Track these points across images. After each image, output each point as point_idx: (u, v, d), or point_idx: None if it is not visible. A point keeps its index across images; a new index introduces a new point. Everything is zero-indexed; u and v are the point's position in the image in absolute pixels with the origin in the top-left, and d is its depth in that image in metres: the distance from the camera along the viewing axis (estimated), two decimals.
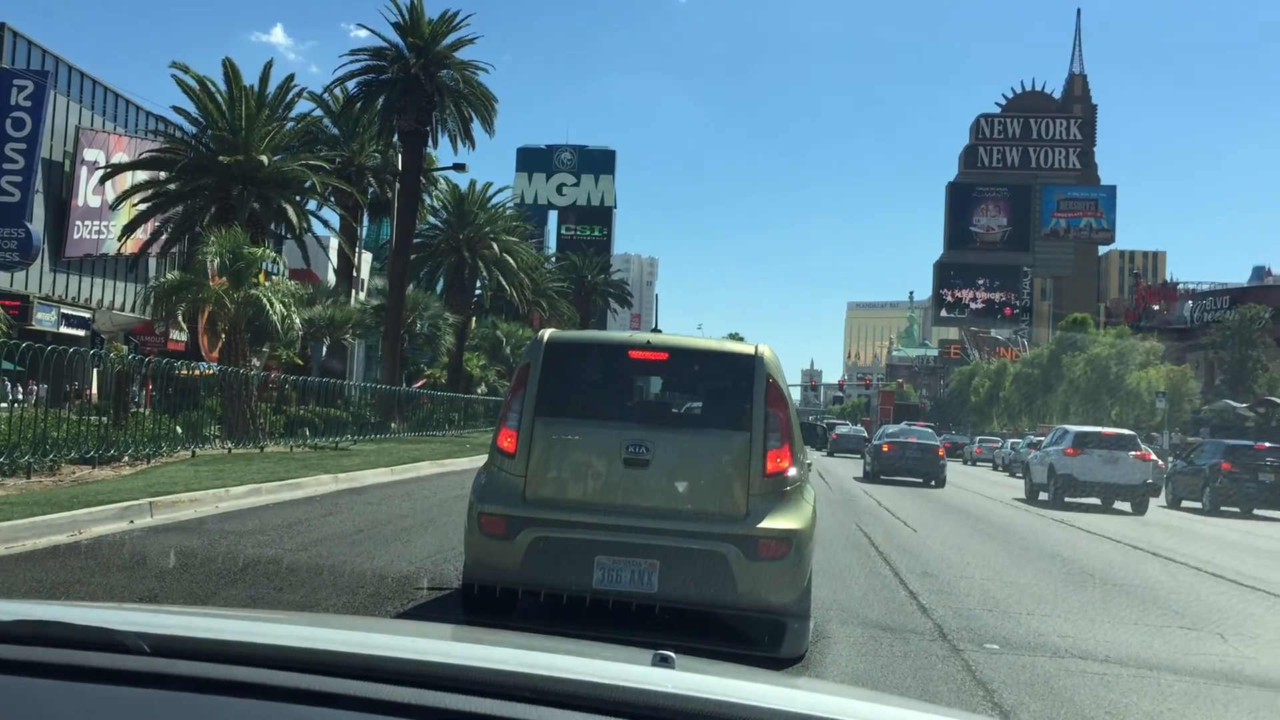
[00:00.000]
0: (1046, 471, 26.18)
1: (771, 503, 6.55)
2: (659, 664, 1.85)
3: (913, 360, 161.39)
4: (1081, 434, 26.52)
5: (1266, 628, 9.35)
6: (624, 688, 1.64)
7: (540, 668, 1.72)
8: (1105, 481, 25.23)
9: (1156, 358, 62.26)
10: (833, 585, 9.72)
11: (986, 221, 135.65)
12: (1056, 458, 25.78)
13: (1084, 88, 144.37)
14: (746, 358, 6.89)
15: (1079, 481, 25.22)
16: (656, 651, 1.90)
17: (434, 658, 1.75)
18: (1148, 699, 6.48)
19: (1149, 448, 40.99)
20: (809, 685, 2.72)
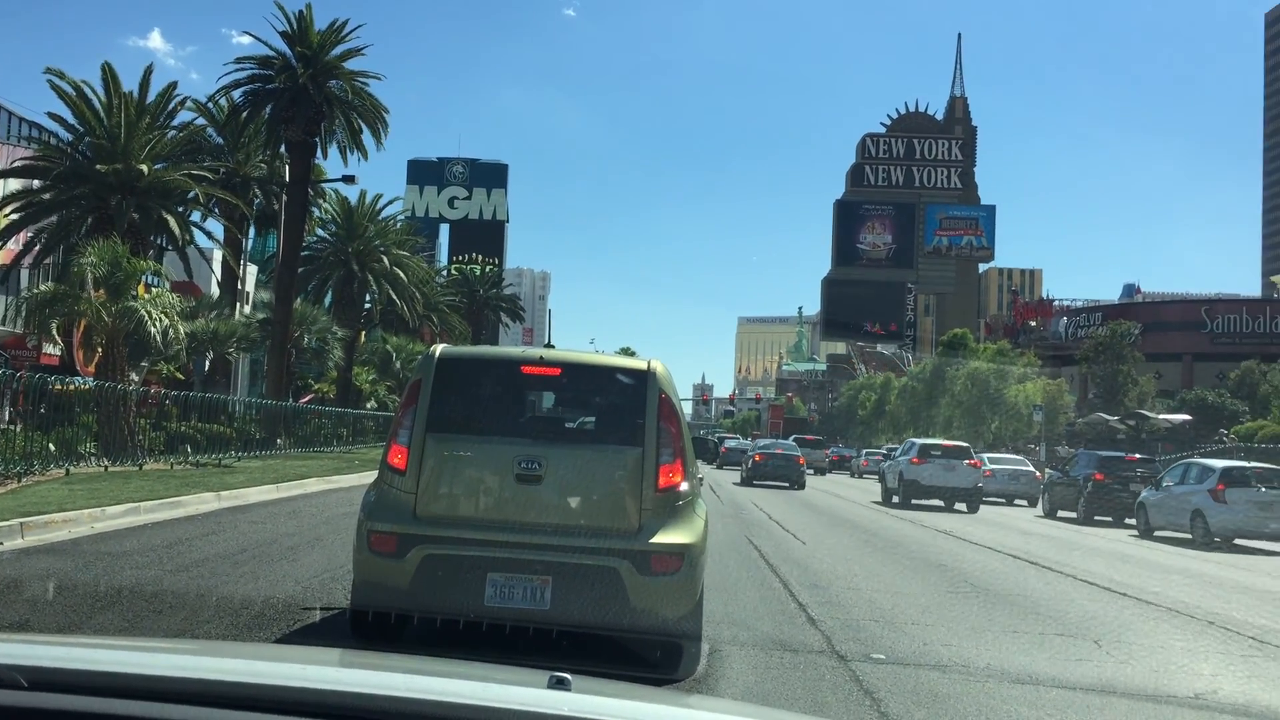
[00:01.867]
0: (897, 478, 30.11)
1: (664, 518, 6.58)
2: (555, 686, 1.84)
3: (802, 375, 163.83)
4: (925, 445, 30.73)
5: (1138, 634, 9.71)
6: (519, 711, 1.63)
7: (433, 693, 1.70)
8: (944, 485, 29.34)
9: (1034, 372, 64.23)
10: (724, 599, 9.80)
11: (872, 239, 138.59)
12: (905, 466, 29.83)
13: (964, 109, 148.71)
14: (639, 373, 6.93)
15: (923, 486, 29.16)
16: (552, 673, 1.89)
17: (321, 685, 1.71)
18: (1027, 706, 6.68)
19: (1027, 459, 42.36)
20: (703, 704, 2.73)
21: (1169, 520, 23.38)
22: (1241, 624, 10.59)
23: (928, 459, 29.42)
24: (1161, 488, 24.39)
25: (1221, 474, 22.51)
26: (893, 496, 30.33)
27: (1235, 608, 11.97)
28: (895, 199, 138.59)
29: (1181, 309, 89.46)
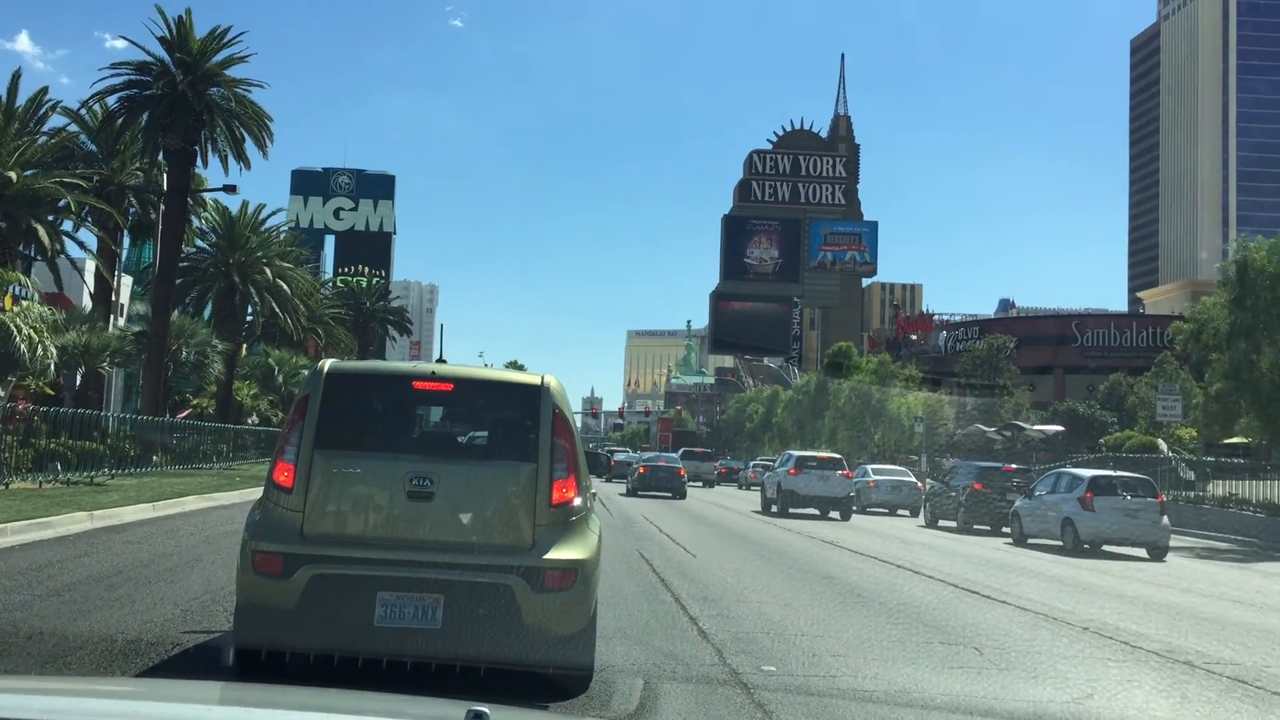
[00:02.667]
0: (776, 488, 31.51)
1: (558, 533, 6.55)
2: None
3: (691, 388, 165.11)
4: (801, 457, 32.47)
5: (1016, 640, 10.00)
6: None
7: None
8: (819, 495, 30.73)
9: (915, 384, 65.79)
10: (616, 613, 9.80)
11: (759, 253, 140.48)
12: (783, 477, 31.29)
13: (848, 128, 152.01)
14: (533, 388, 6.90)
15: (800, 495, 30.46)
16: (470, 709, 1.84)
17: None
18: (912, 714, 6.82)
19: (909, 470, 43.33)
20: None
21: (1042, 528, 24.15)
22: (1114, 629, 10.98)
23: (804, 470, 31.10)
24: (1035, 497, 25.19)
25: (1090, 483, 23.34)
26: (771, 506, 31.71)
27: (1107, 613, 12.41)
28: (782, 214, 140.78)
29: (1054, 323, 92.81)
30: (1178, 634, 11.02)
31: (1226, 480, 32.86)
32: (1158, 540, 22.44)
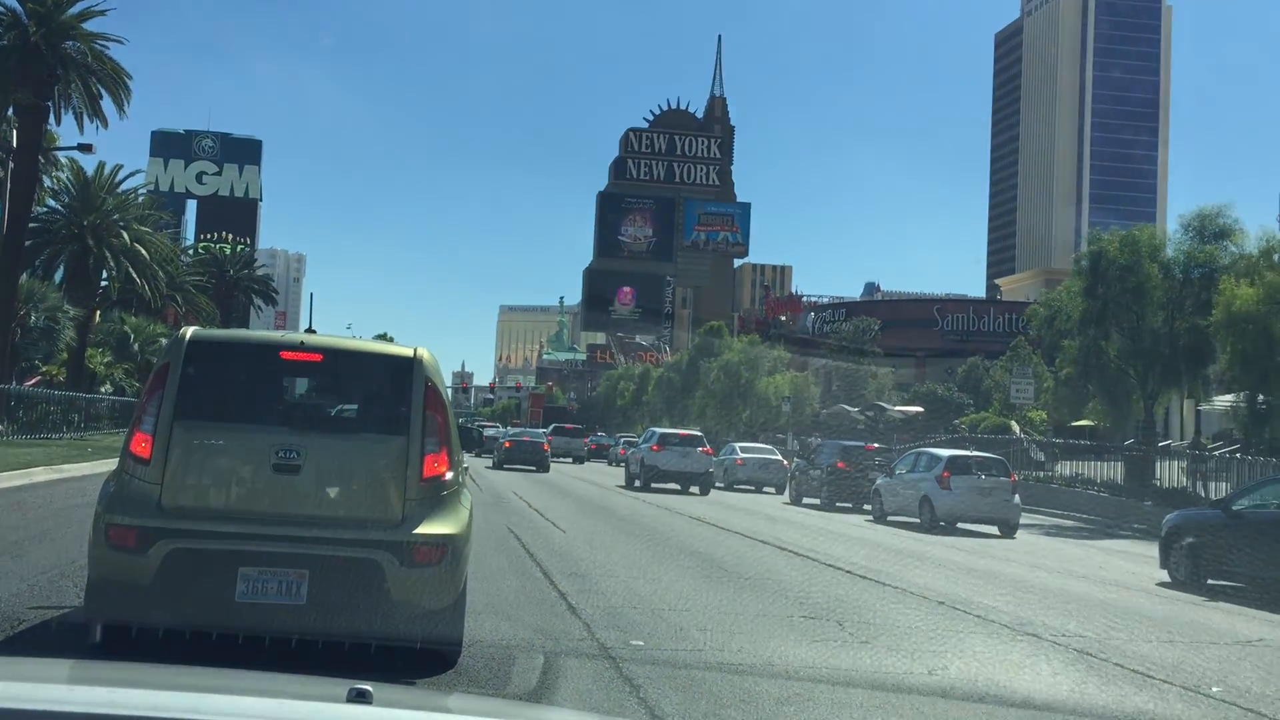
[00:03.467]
0: (639, 464, 32.86)
1: (428, 507, 6.48)
2: (356, 700, 1.72)
3: (562, 364, 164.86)
4: (663, 434, 34.45)
5: (876, 614, 10.30)
6: None
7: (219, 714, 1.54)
8: (679, 470, 32.10)
9: (783, 365, 66.99)
10: (486, 589, 9.75)
11: (634, 231, 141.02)
12: (645, 453, 32.79)
13: (723, 109, 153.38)
14: (405, 360, 6.78)
15: (661, 470, 31.84)
16: (352, 686, 1.78)
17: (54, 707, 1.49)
18: (776, 685, 6.97)
19: (776, 448, 44.15)
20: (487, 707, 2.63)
21: (901, 505, 24.89)
22: (968, 603, 11.39)
23: (666, 447, 32.62)
24: (895, 475, 25.92)
25: (947, 463, 24.13)
26: (635, 480, 32.90)
27: (962, 588, 12.88)
28: (656, 193, 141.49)
29: (917, 307, 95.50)
30: (1027, 607, 11.50)
31: (1074, 461, 34.38)
32: (1009, 518, 23.34)
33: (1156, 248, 30.44)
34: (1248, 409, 26.68)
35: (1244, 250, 28.19)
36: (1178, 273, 29.93)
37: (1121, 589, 14.43)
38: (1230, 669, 8.72)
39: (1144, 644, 9.68)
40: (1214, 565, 14.95)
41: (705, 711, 6.28)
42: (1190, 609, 12.64)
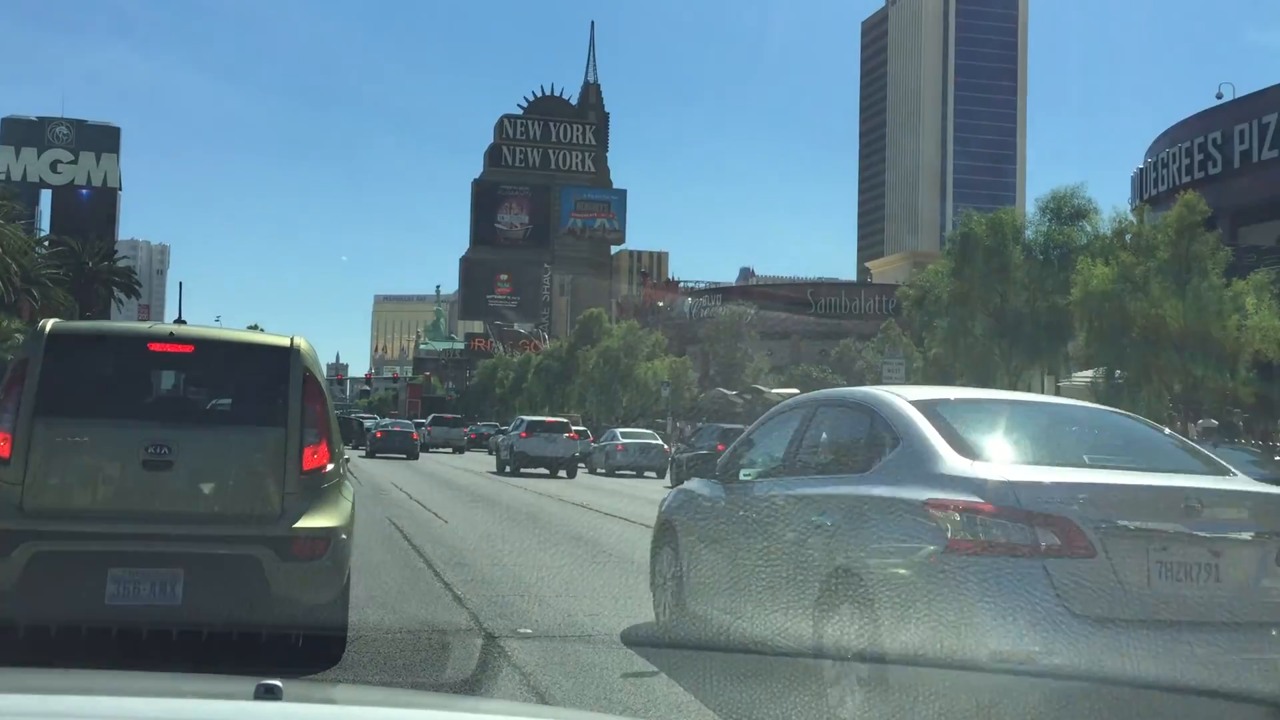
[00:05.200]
0: (509, 450, 34.54)
1: (308, 501, 6.33)
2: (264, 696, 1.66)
3: (440, 353, 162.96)
4: (531, 422, 36.13)
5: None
6: None
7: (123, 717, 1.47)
8: (547, 455, 33.64)
9: (661, 350, 67.48)
10: (369, 581, 9.58)
11: (510, 219, 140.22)
12: (515, 439, 34.30)
13: (598, 96, 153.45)
14: (282, 350, 6.60)
15: (530, 456, 33.38)
16: (260, 682, 1.71)
17: None
18: (666, 668, 7.01)
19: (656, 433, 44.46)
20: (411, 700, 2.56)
21: None
22: None
23: (534, 433, 34.14)
24: None
25: None
26: (506, 466, 34.36)
27: None
28: (532, 180, 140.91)
29: (791, 291, 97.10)
30: None
31: None
32: None
33: (1019, 229, 31.60)
34: (1105, 384, 27.87)
35: (1099, 231, 29.43)
36: (1038, 253, 31.12)
37: None
38: None
39: None
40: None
41: (597, 695, 6.29)
42: None
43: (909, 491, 5.43)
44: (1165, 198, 39.02)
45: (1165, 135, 47.46)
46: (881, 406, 6.22)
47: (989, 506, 5.06)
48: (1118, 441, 6.33)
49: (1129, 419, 6.80)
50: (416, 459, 41.76)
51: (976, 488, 5.16)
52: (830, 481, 6.29)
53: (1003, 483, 5.16)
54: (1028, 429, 6.16)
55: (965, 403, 6.54)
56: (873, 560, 5.52)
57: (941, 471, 5.40)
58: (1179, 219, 24.61)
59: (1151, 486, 5.41)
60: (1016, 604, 4.87)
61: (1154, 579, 5.02)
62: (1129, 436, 6.43)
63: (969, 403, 6.62)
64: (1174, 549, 5.09)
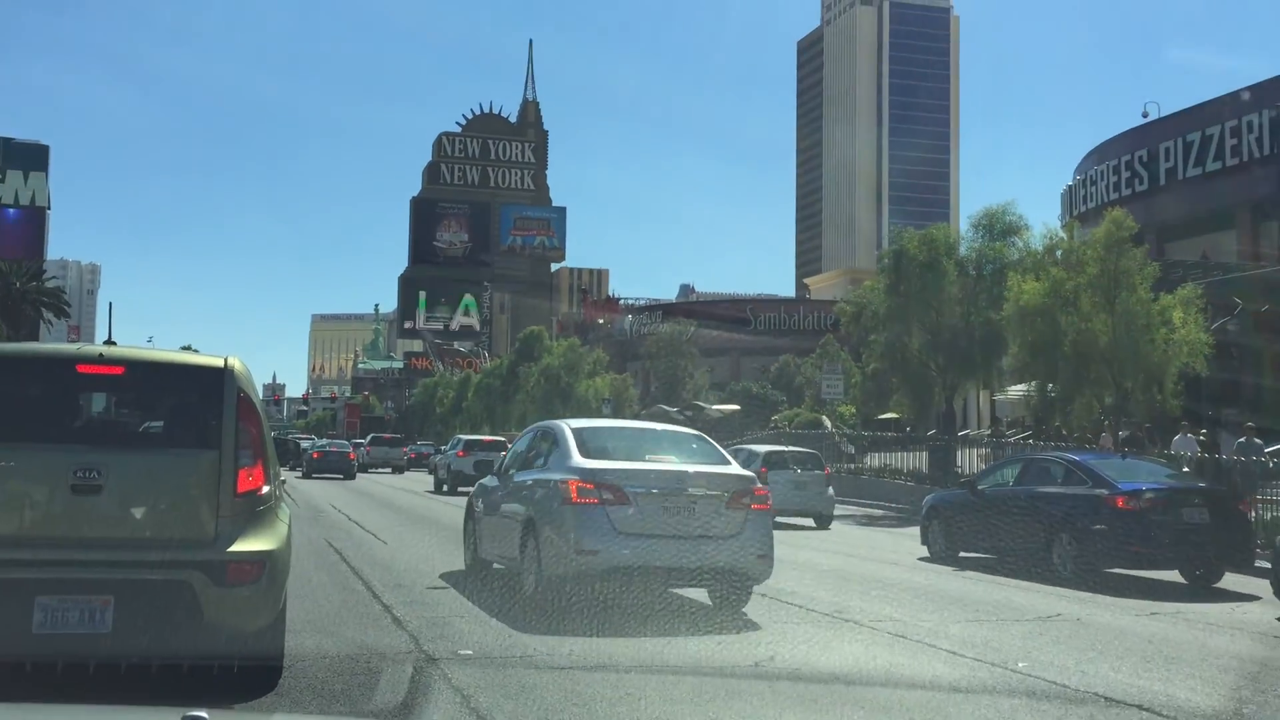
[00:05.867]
0: (446, 469, 35.78)
1: (243, 524, 6.23)
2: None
3: (379, 373, 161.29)
4: (468, 441, 37.46)
5: (703, 607, 10.43)
6: None
7: None
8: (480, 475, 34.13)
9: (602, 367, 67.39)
10: (306, 605, 9.45)
11: (449, 237, 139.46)
12: (452, 459, 35.55)
13: (537, 113, 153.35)
14: (215, 371, 6.49)
15: (466, 475, 32.91)
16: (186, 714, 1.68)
17: None
18: (607, 685, 6.99)
19: None
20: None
21: None
22: (790, 594, 11.69)
23: (470, 452, 35.13)
24: None
25: (764, 458, 24.72)
26: (443, 485, 35.23)
27: (783, 580, 13.16)
28: (471, 198, 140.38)
29: (730, 308, 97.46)
30: (845, 595, 11.89)
31: (882, 452, 35.76)
32: (824, 510, 24.10)
33: (952, 246, 32.00)
34: (1038, 397, 28.27)
35: (1030, 247, 29.91)
36: (971, 269, 31.54)
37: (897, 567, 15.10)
38: (1034, 644, 9.22)
39: (954, 624, 10.14)
40: (964, 539, 16.29)
41: (538, 716, 6.26)
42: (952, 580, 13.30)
43: (557, 475, 10.20)
44: (1094, 214, 39.87)
45: (1094, 153, 48.51)
46: (557, 429, 11.22)
47: (584, 482, 9.82)
48: (672, 448, 11.08)
49: (694, 435, 11.94)
50: (354, 479, 41.98)
51: (581, 472, 9.96)
52: (533, 472, 11.12)
53: (592, 469, 9.98)
54: (621, 441, 11.21)
55: (595, 428, 11.73)
56: (544, 512, 10.18)
57: (572, 464, 10.18)
58: (1107, 235, 25.04)
59: (664, 470, 10.25)
60: (593, 527, 9.60)
61: (662, 515, 9.74)
62: (683, 446, 11.22)
63: (597, 428, 11.87)
64: (671, 500, 9.83)
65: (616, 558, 9.49)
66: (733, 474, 10.43)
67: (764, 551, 10.14)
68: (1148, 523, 13.67)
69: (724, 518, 9.93)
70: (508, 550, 11.07)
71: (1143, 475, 14.98)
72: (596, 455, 10.27)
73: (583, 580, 9.64)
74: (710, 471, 10.30)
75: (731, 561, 9.88)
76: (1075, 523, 14.19)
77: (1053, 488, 15.14)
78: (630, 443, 11.13)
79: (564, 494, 9.78)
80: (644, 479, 9.91)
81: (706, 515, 9.87)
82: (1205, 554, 14.02)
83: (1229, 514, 14.49)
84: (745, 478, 10.46)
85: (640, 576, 9.74)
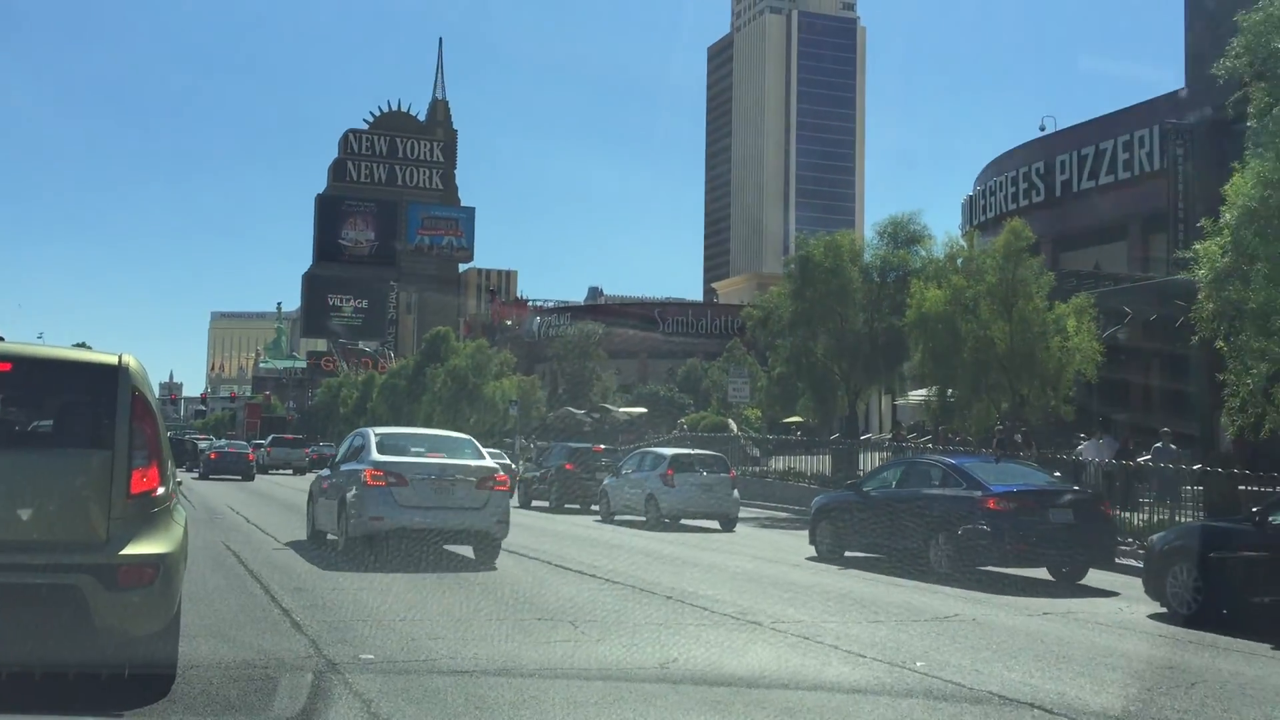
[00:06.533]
0: None
1: (137, 526, 6.05)
2: None
3: (281, 372, 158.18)
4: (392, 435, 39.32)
5: (609, 612, 10.46)
6: None
7: None
8: None
9: (510, 369, 67.05)
10: (201, 610, 9.22)
11: (355, 235, 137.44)
12: None
13: (446, 112, 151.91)
14: (109, 369, 6.29)
15: None
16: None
17: None
18: (511, 690, 6.95)
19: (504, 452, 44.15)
20: None
21: (628, 504, 25.45)
22: (695, 596, 11.76)
23: None
24: (621, 475, 26.47)
25: (671, 461, 24.85)
26: None
27: (688, 582, 13.27)
28: (378, 196, 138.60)
29: (639, 310, 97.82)
30: (748, 597, 11.99)
31: (786, 456, 36.17)
32: (729, 512, 24.29)
33: (857, 253, 32.54)
34: (938, 402, 28.86)
35: (932, 255, 30.55)
36: (875, 276, 32.11)
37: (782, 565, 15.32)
38: (932, 645, 9.40)
39: (855, 625, 10.30)
40: (849, 539, 16.78)
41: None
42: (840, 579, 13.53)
43: (361, 466, 14.18)
44: (994, 224, 40.86)
45: (993, 164, 49.72)
46: (366, 434, 15.44)
47: (376, 470, 13.83)
48: (445, 447, 15.25)
49: (464, 439, 16.20)
50: (254, 481, 41.36)
51: (375, 464, 13.99)
52: (349, 465, 14.76)
53: (383, 461, 14.01)
54: (409, 443, 15.19)
55: (392, 433, 16.05)
56: (351, 492, 14.06)
57: (371, 459, 14.18)
58: (1006, 245, 25.69)
59: (433, 462, 14.25)
60: (381, 501, 13.69)
61: (431, 494, 13.85)
62: (454, 445, 15.53)
63: (394, 433, 16.20)
64: (437, 483, 13.94)
65: (397, 522, 13.71)
66: (482, 465, 14.62)
67: (501, 519, 14.33)
68: (1017, 523, 14.24)
69: (474, 495, 14.12)
70: (331, 522, 14.99)
71: (1015, 478, 15.54)
72: (390, 453, 14.39)
73: (375, 539, 13.75)
74: (466, 464, 14.46)
75: (478, 525, 14.10)
76: (951, 523, 14.70)
77: (931, 489, 15.71)
78: (416, 444, 15.20)
79: (363, 479, 13.90)
80: (420, 469, 14.01)
81: (462, 494, 14.04)
82: (1071, 553, 14.70)
83: (1093, 515, 15.25)
84: (490, 468, 14.66)
85: (416, 535, 13.81)
